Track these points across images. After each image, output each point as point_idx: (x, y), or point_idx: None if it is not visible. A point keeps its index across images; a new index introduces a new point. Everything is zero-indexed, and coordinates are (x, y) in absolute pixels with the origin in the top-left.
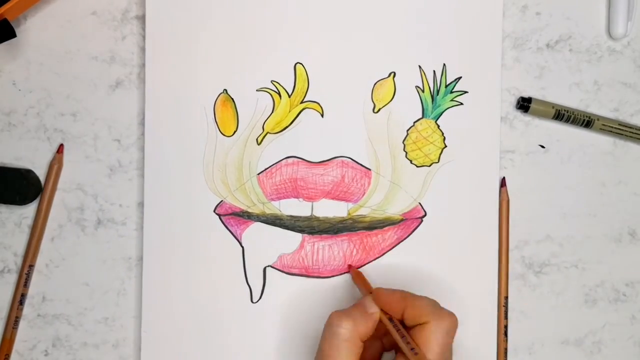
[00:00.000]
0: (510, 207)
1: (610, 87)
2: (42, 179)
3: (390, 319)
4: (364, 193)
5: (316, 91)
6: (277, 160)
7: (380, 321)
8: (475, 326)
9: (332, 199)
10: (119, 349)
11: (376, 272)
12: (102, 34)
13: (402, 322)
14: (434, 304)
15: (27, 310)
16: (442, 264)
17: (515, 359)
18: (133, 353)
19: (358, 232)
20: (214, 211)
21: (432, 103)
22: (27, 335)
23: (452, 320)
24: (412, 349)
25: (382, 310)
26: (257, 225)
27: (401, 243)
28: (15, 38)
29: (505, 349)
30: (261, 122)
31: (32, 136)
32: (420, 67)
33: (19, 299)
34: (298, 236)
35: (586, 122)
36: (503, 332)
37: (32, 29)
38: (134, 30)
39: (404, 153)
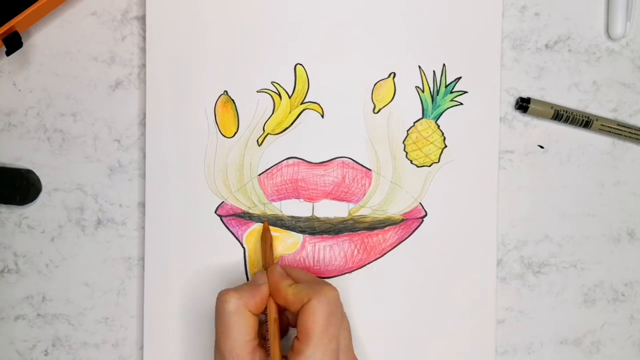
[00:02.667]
0: (510, 207)
1: (609, 88)
2: (42, 179)
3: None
4: (365, 193)
5: (316, 92)
6: (277, 161)
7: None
8: (475, 326)
9: (333, 199)
10: (119, 349)
11: (377, 272)
12: (102, 34)
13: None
14: (311, 284)
15: (27, 310)
16: (443, 263)
17: (515, 359)
18: (133, 353)
19: (359, 232)
20: (215, 212)
21: (432, 103)
22: (27, 335)
23: (331, 290)
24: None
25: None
26: (259, 226)
27: (402, 243)
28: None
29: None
30: (262, 123)
31: (32, 136)
32: (420, 67)
33: None
34: (299, 237)
35: (585, 122)
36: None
37: (32, 30)
38: (134, 30)
39: (405, 153)
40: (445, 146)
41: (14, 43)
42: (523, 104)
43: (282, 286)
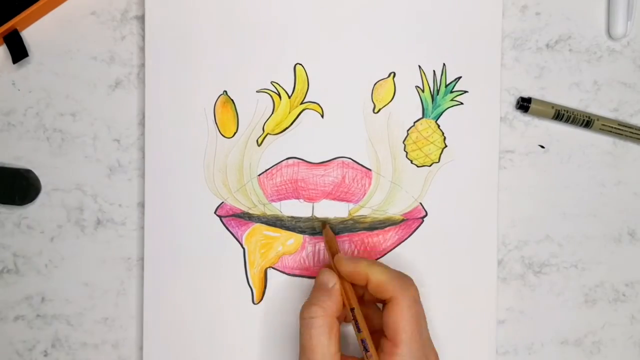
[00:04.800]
0: (510, 207)
1: (609, 87)
2: (41, 179)
3: (353, 311)
4: (365, 193)
5: (316, 92)
6: (277, 162)
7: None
8: (476, 326)
9: (333, 199)
10: (119, 349)
11: None
12: (101, 34)
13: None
14: (394, 276)
15: (26, 310)
16: (443, 263)
17: (515, 359)
18: (132, 353)
19: (359, 232)
20: (215, 213)
21: (432, 103)
22: (26, 336)
23: (414, 288)
24: (366, 350)
25: (343, 286)
26: (258, 227)
27: (402, 243)
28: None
29: None
30: (261, 123)
31: (32, 136)
32: (420, 67)
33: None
34: (299, 237)
35: (586, 122)
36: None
37: (31, 29)
38: (133, 30)
39: (405, 153)
40: (446, 146)
41: (19, 52)
42: (524, 104)
43: (362, 266)
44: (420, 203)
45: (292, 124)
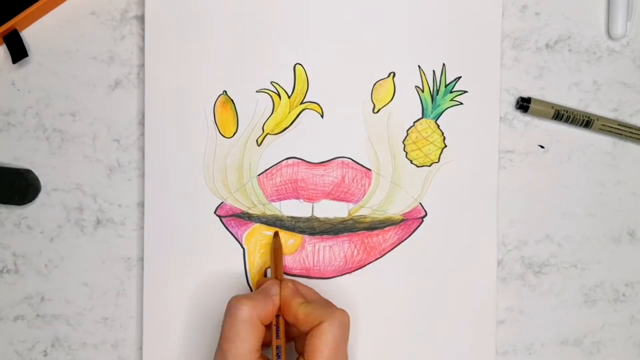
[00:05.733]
0: (510, 207)
1: (609, 87)
2: (41, 179)
3: (278, 324)
4: (365, 193)
5: (316, 92)
6: (277, 161)
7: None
8: (475, 326)
9: (333, 199)
10: (118, 349)
11: (377, 273)
12: (101, 34)
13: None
14: (324, 306)
15: (26, 310)
16: (443, 263)
17: (515, 359)
18: (132, 353)
19: (359, 232)
20: (215, 213)
21: (432, 103)
22: (26, 336)
23: (343, 315)
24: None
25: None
26: (258, 227)
27: (402, 243)
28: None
29: None
30: (261, 123)
31: (31, 136)
32: (419, 67)
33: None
34: (299, 237)
35: (585, 122)
36: None
37: (31, 29)
38: (133, 30)
39: (404, 153)
40: (445, 146)
41: (19, 52)
42: (523, 104)
43: (294, 304)
44: (420, 203)
45: (292, 124)
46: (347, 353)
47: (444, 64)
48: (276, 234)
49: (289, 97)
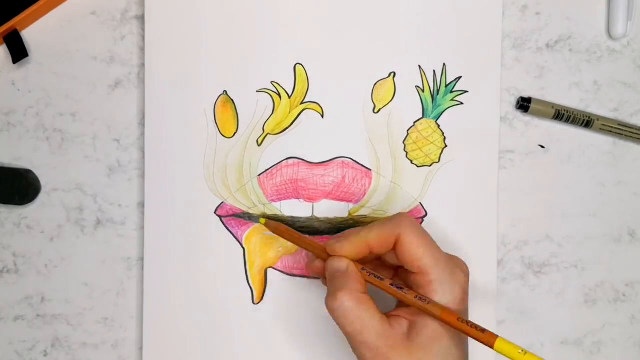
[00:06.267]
0: (510, 207)
1: (610, 87)
2: (41, 179)
3: (375, 276)
4: (365, 193)
5: (316, 92)
6: (277, 162)
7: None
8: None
9: (333, 199)
10: (118, 349)
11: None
12: (101, 34)
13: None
14: (384, 222)
15: (26, 310)
16: None
17: None
18: (132, 353)
19: None
20: (215, 212)
21: (432, 103)
22: (26, 336)
23: (407, 217)
24: (418, 297)
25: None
26: (258, 227)
27: None
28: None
29: None
30: (261, 123)
31: (31, 136)
32: (420, 67)
33: None
34: None
35: (586, 122)
36: None
37: (31, 29)
38: (133, 30)
39: (405, 153)
40: (446, 146)
41: (19, 52)
42: (524, 104)
43: (361, 236)
44: (420, 203)
45: (292, 124)
46: (438, 247)
47: (444, 64)
48: (267, 223)
49: (289, 97)
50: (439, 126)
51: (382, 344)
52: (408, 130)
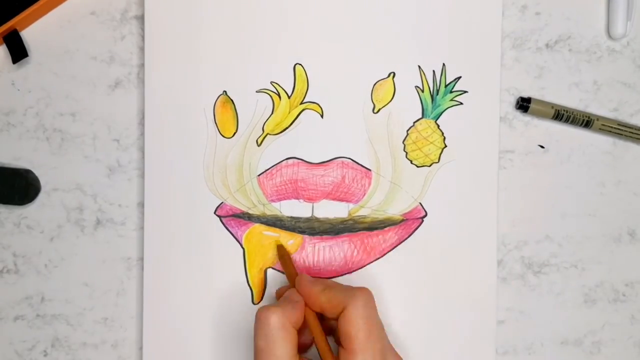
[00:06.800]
0: (510, 207)
1: (609, 87)
2: (41, 179)
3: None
4: (365, 193)
5: (316, 92)
6: (277, 162)
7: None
8: (475, 326)
9: (333, 199)
10: (118, 349)
11: (377, 273)
12: (101, 34)
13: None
14: (344, 289)
15: (26, 310)
16: (443, 263)
17: (515, 359)
18: (132, 353)
19: (359, 232)
20: (215, 213)
21: (432, 103)
22: (26, 336)
23: (364, 293)
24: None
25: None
26: (258, 227)
27: (402, 243)
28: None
29: None
30: (261, 124)
31: (31, 136)
32: (419, 67)
33: None
34: (299, 237)
35: (586, 122)
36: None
37: (31, 29)
38: (133, 30)
39: (404, 153)
40: (445, 146)
41: (19, 52)
42: (524, 104)
43: (314, 292)
44: (420, 203)
45: (292, 124)
46: (381, 324)
47: (444, 64)
48: (279, 247)
49: (289, 97)
50: (438, 126)
51: None
52: (408, 131)
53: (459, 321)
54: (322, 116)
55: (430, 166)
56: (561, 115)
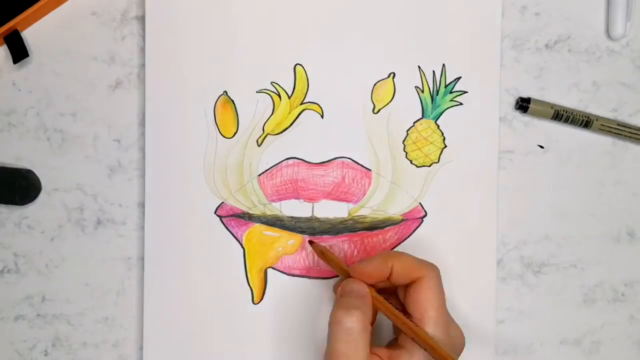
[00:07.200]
0: (510, 207)
1: (609, 88)
2: (41, 179)
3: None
4: (365, 193)
5: (316, 92)
6: (277, 162)
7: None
8: (475, 326)
9: (333, 199)
10: (119, 349)
11: None
12: (101, 34)
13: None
14: (419, 260)
15: (26, 310)
16: (443, 263)
17: (515, 359)
18: (132, 353)
19: (359, 232)
20: (215, 213)
21: (432, 103)
22: (26, 335)
23: (437, 268)
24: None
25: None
26: (258, 227)
27: (402, 243)
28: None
29: None
30: (261, 124)
31: (32, 136)
32: (419, 67)
33: None
34: (299, 237)
35: (585, 122)
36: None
37: (32, 29)
38: (133, 30)
39: (404, 153)
40: (445, 146)
41: (20, 52)
42: (523, 104)
43: (380, 261)
44: (420, 203)
45: (292, 124)
46: (447, 309)
47: (443, 64)
48: (314, 244)
49: (289, 97)
50: (438, 126)
51: None
52: (407, 131)
53: (459, 321)
54: (322, 116)
55: (430, 166)
56: (561, 115)
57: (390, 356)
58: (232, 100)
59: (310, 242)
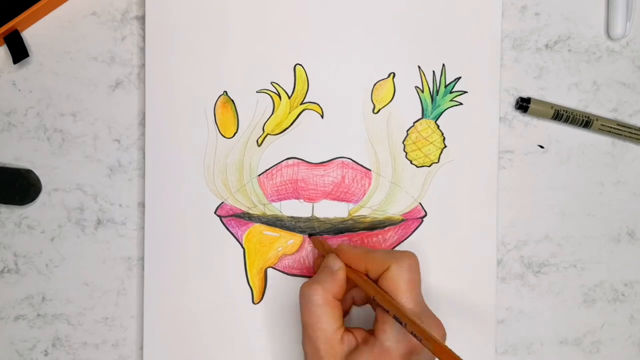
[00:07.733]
0: (510, 207)
1: (609, 88)
2: (42, 179)
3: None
4: (365, 193)
5: (316, 92)
6: (277, 162)
7: (348, 278)
8: (475, 326)
9: (333, 199)
10: (119, 349)
11: None
12: (102, 34)
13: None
14: (390, 251)
15: (27, 310)
16: (442, 263)
17: (515, 359)
18: (133, 353)
19: (359, 232)
20: (215, 213)
21: (432, 103)
22: (27, 335)
23: (410, 257)
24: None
25: (347, 265)
26: (258, 227)
27: (402, 243)
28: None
29: None
30: (261, 124)
31: (32, 136)
32: (419, 67)
33: None
34: (299, 237)
35: (585, 122)
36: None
37: (32, 29)
38: (133, 30)
39: (404, 153)
40: (445, 146)
41: (20, 52)
42: (523, 104)
43: (360, 253)
44: (420, 203)
45: (292, 124)
46: (422, 298)
47: (443, 64)
48: (313, 238)
49: (289, 97)
50: (438, 126)
51: (323, 349)
52: (407, 131)
53: (459, 321)
54: (322, 116)
55: (430, 166)
56: (561, 115)
57: (366, 337)
58: (232, 100)
59: (310, 236)
